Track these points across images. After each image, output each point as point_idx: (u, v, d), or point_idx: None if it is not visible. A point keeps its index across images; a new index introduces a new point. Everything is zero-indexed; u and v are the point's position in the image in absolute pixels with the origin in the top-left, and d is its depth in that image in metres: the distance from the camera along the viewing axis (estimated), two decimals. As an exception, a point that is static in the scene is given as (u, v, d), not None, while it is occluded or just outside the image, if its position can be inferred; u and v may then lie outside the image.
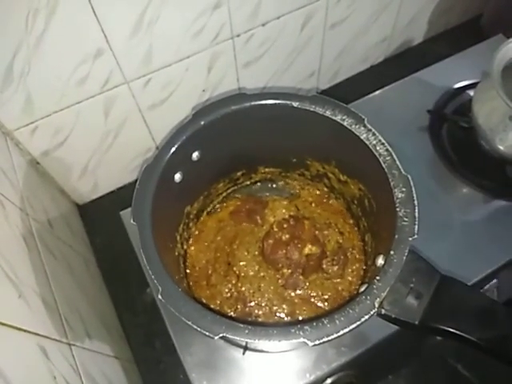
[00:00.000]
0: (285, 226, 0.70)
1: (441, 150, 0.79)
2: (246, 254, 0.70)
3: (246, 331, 0.46)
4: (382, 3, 0.84)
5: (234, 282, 0.68)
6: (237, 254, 0.70)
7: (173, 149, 0.56)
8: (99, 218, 0.85)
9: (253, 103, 0.59)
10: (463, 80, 0.86)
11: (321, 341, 0.45)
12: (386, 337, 0.65)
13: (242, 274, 0.68)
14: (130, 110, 0.74)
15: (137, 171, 0.87)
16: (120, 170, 0.85)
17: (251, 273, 0.68)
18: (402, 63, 0.96)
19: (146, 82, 0.71)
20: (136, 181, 0.86)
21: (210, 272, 0.69)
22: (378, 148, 0.55)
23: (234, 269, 0.68)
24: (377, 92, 0.87)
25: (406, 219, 0.51)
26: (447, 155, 0.79)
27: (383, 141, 0.55)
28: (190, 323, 0.46)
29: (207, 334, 0.46)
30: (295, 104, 0.58)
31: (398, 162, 0.54)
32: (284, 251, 0.67)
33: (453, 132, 0.80)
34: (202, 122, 0.58)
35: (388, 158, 0.54)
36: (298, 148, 0.67)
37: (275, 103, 0.59)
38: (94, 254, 0.82)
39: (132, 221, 0.52)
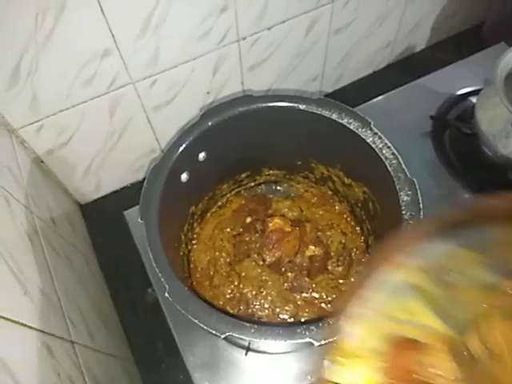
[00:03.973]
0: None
1: (443, 156, 0.80)
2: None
3: (252, 330, 0.46)
4: (385, 9, 0.85)
5: (236, 283, 0.68)
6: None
7: (180, 148, 0.57)
8: (101, 218, 0.85)
9: (260, 105, 0.60)
10: (465, 87, 0.87)
11: (327, 341, 0.45)
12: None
13: (243, 274, 0.68)
14: (135, 110, 0.74)
15: (140, 172, 0.87)
16: (123, 170, 0.85)
17: (253, 274, 0.68)
18: (405, 69, 0.97)
19: (152, 82, 0.71)
20: (139, 181, 0.88)
21: (211, 273, 0.69)
22: (384, 151, 0.55)
23: (236, 268, 0.69)
24: (380, 97, 0.88)
25: (411, 222, 0.51)
26: (449, 161, 0.80)
27: (389, 144, 0.56)
28: (196, 321, 0.46)
29: (214, 332, 0.46)
30: (302, 106, 0.59)
31: (403, 166, 0.55)
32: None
33: (455, 138, 0.81)
34: (210, 123, 0.58)
35: (394, 162, 0.55)
36: (303, 150, 0.68)
37: (282, 105, 0.60)
38: (95, 254, 0.82)
39: (140, 219, 0.52)
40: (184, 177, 0.61)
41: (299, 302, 0.66)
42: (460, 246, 0.44)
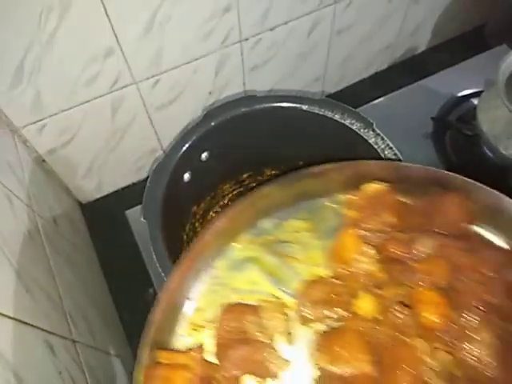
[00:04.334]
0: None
1: (444, 157, 0.81)
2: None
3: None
4: (387, 11, 0.85)
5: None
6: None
7: (183, 148, 0.57)
8: (102, 218, 0.85)
9: (262, 105, 0.60)
10: (466, 88, 0.87)
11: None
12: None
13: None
14: (137, 110, 0.74)
15: (141, 172, 0.87)
16: (124, 170, 0.85)
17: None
18: (406, 70, 0.97)
19: (155, 82, 0.71)
20: (140, 181, 0.88)
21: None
22: (386, 152, 0.56)
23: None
24: (381, 98, 0.88)
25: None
26: (450, 162, 0.80)
27: (391, 145, 0.56)
28: (198, 321, 0.46)
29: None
30: (304, 107, 0.59)
31: (405, 167, 0.55)
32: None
33: (456, 139, 0.82)
34: (213, 123, 0.59)
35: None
36: (305, 151, 0.67)
37: (285, 106, 0.60)
38: (96, 253, 0.82)
39: (142, 218, 0.52)
40: (186, 176, 0.61)
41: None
42: (288, 219, 0.52)
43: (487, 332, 0.41)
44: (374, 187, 0.50)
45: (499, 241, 0.48)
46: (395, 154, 0.55)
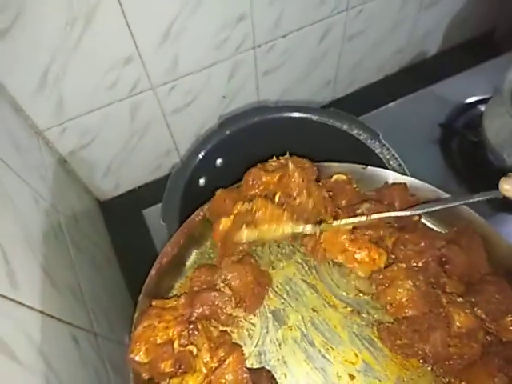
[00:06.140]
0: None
1: (451, 163, 0.82)
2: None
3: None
4: (398, 16, 0.87)
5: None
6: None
7: (200, 156, 0.60)
8: (120, 215, 0.88)
9: (274, 115, 0.63)
10: (475, 95, 0.88)
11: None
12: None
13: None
14: (154, 114, 0.77)
15: (156, 172, 0.90)
16: (141, 169, 0.88)
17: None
18: (416, 74, 0.99)
19: (171, 88, 0.74)
20: (155, 180, 0.91)
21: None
22: (391, 162, 0.58)
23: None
24: (390, 104, 0.90)
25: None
26: (457, 168, 0.81)
27: (396, 155, 0.58)
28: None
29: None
30: (314, 118, 0.62)
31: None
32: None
33: (463, 146, 0.83)
34: (227, 132, 0.62)
35: (400, 173, 0.57)
36: (315, 159, 0.70)
37: (295, 116, 0.63)
38: (114, 250, 0.85)
39: (162, 222, 0.55)
40: (202, 181, 0.64)
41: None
42: None
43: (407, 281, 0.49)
44: (336, 176, 0.59)
45: (438, 229, 0.58)
46: (400, 165, 0.58)
